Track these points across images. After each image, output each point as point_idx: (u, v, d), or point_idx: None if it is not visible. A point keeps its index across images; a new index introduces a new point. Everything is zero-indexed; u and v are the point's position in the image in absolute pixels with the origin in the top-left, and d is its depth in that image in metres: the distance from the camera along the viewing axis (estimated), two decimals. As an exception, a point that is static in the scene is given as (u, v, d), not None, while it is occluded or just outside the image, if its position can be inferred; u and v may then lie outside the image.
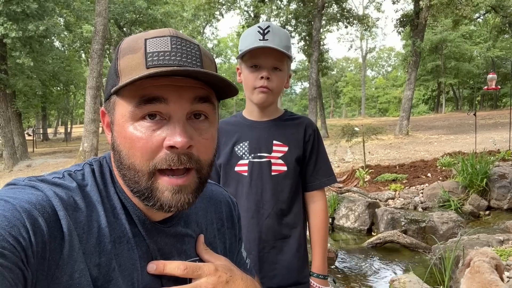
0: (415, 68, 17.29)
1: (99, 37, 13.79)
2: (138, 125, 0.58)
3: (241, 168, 1.43)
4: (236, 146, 1.45)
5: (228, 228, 0.81)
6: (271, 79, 1.36)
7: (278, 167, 1.42)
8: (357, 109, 59.91)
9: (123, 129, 0.59)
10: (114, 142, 0.61)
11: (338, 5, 19.86)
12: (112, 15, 24.00)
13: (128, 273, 0.60)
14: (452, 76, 35.91)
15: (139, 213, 0.63)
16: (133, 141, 0.58)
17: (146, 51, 0.58)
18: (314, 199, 1.47)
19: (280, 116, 1.49)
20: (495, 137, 11.51)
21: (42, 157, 18.76)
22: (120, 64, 0.60)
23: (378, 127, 9.63)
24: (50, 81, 21.95)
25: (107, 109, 0.64)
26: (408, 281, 3.23)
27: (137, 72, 0.57)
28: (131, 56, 0.59)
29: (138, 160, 0.58)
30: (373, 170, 7.88)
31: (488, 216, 5.12)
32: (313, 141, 1.46)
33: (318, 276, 1.43)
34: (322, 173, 1.47)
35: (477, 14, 27.46)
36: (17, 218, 0.49)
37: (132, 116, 0.58)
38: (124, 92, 0.58)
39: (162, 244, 0.66)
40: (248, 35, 1.38)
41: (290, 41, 1.41)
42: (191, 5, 21.54)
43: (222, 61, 54.15)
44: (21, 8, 14.97)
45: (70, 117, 36.08)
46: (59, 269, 0.52)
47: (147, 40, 0.60)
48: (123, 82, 0.57)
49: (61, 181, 0.59)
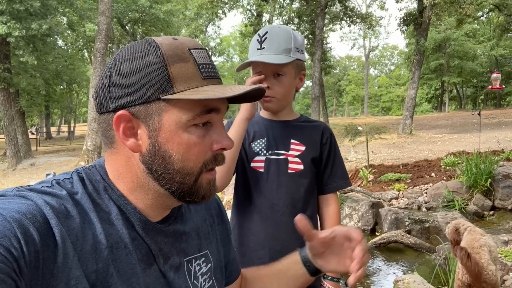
0: (418, 67, 17.23)
1: (102, 36, 13.81)
2: (191, 130, 0.62)
3: (257, 165, 1.43)
4: (253, 142, 1.45)
5: (219, 224, 0.85)
6: (272, 87, 1.36)
7: (295, 165, 1.43)
8: (360, 108, 59.77)
9: (176, 135, 0.61)
10: (158, 149, 0.62)
11: (341, 4, 19.79)
12: (115, 14, 24.03)
13: (127, 278, 0.60)
14: (455, 75, 35.78)
15: (140, 215, 0.64)
16: (189, 146, 0.62)
17: (197, 62, 0.62)
18: (329, 202, 1.49)
19: (297, 119, 1.51)
20: (499, 136, 11.47)
21: (45, 156, 18.84)
22: (171, 70, 0.60)
23: (381, 126, 9.60)
24: (54, 79, 22.00)
25: (139, 114, 0.61)
26: (412, 281, 3.22)
27: (194, 81, 0.61)
28: (183, 64, 0.61)
29: (191, 164, 0.63)
30: (377, 170, 7.86)
31: (492, 216, 5.09)
32: (330, 144, 1.49)
33: (332, 279, 1.43)
34: (339, 176, 1.49)
35: (480, 13, 27.33)
36: (8, 229, 0.49)
37: (188, 123, 0.61)
38: (182, 101, 0.60)
39: (162, 244, 0.67)
40: (251, 43, 1.39)
41: (292, 40, 1.35)
42: (194, 4, 21.51)
43: (224, 59, 54.15)
44: (24, 6, 15.01)
45: (73, 115, 36.20)
46: (54, 278, 0.52)
47: (191, 50, 0.63)
48: (182, 88, 0.60)
49: (50, 189, 0.58)
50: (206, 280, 0.76)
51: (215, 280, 0.79)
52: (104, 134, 0.65)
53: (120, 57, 0.62)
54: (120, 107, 0.61)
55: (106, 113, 0.63)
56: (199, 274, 0.74)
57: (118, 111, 0.61)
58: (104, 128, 0.64)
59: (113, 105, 0.61)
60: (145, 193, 0.65)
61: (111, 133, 0.64)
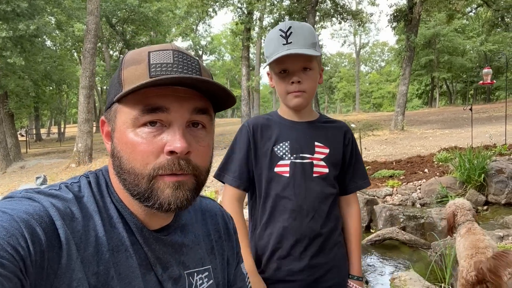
0: (409, 63, 17.31)
1: (91, 35, 13.65)
2: (139, 131, 0.61)
3: (282, 169, 1.39)
4: (276, 146, 1.40)
5: (226, 240, 0.83)
6: (302, 81, 1.33)
7: (320, 168, 1.40)
8: (352, 105, 60.07)
9: (124, 135, 0.62)
10: (114, 149, 0.64)
11: (332, 1, 19.82)
12: (103, 13, 23.80)
13: (128, 281, 0.61)
14: (445, 71, 36.08)
15: (136, 221, 0.65)
16: (134, 145, 0.61)
17: (150, 63, 0.62)
18: (350, 202, 1.49)
19: (318, 119, 1.47)
20: (490, 130, 11.56)
21: (35, 158, 18.59)
22: (123, 74, 0.63)
23: (373, 123, 9.63)
24: (43, 80, 21.72)
25: (108, 118, 0.66)
26: (408, 278, 3.21)
27: (140, 81, 0.60)
28: (134, 67, 0.62)
29: (138, 164, 0.61)
30: (370, 167, 7.87)
31: (486, 212, 5.12)
32: (352, 145, 1.48)
33: (358, 279, 1.45)
34: (360, 176, 1.49)
35: (469, 8, 27.58)
36: (15, 228, 0.50)
37: (133, 123, 0.61)
38: (128, 100, 0.61)
39: (160, 253, 0.67)
40: (271, 40, 1.33)
41: (315, 35, 1.35)
42: (183, 2, 21.37)
43: (215, 58, 53.98)
44: (11, 7, 14.80)
45: (63, 117, 35.79)
46: (58, 278, 0.53)
47: (150, 53, 0.63)
48: (126, 89, 0.60)
49: (57, 192, 0.60)
50: None
51: None
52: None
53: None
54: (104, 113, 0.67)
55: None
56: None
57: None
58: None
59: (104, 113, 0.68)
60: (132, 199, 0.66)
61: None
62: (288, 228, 1.37)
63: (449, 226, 2.84)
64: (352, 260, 1.45)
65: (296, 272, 1.37)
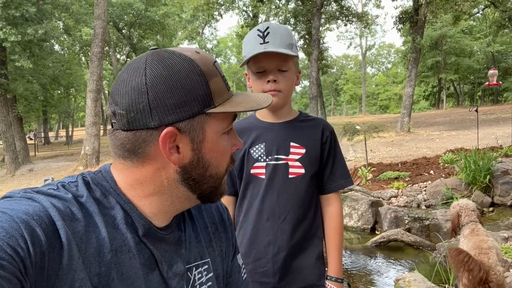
0: (415, 65, 17.24)
1: (98, 40, 13.79)
2: (224, 138, 0.68)
3: (258, 171, 1.40)
4: (252, 148, 1.42)
5: (222, 232, 0.84)
6: (278, 81, 1.34)
7: (296, 169, 1.39)
8: (358, 107, 59.82)
9: (216, 144, 0.67)
10: (201, 159, 0.66)
11: (337, 3, 19.81)
12: (111, 17, 24.03)
13: (130, 281, 0.61)
14: (452, 72, 35.80)
15: (145, 221, 0.65)
16: (224, 152, 0.69)
17: (222, 75, 0.68)
18: (330, 202, 1.45)
19: (296, 118, 1.46)
20: (497, 132, 11.47)
21: (44, 161, 18.79)
22: (211, 86, 0.64)
23: (379, 125, 9.60)
24: (51, 84, 21.97)
25: (185, 129, 0.63)
26: (413, 280, 3.21)
27: (225, 93, 0.67)
28: (216, 79, 0.66)
29: (222, 168, 0.69)
30: (375, 168, 7.86)
31: (492, 213, 5.10)
32: (330, 143, 1.44)
33: (336, 280, 1.41)
34: (339, 175, 1.45)
35: (476, 9, 27.38)
36: (15, 229, 0.50)
37: (223, 132, 0.68)
38: (220, 113, 0.65)
39: (164, 251, 0.68)
40: (249, 40, 1.35)
41: (292, 37, 1.36)
42: (189, 6, 21.52)
43: (222, 61, 54.14)
44: (19, 12, 15.00)
45: (71, 120, 36.11)
46: (59, 279, 0.53)
47: (215, 64, 0.68)
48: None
49: (56, 192, 0.59)
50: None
51: None
52: (129, 149, 0.63)
53: (154, 73, 0.61)
54: (166, 123, 0.61)
55: (142, 130, 0.62)
56: (197, 283, 0.73)
57: (162, 127, 0.61)
58: (133, 144, 0.63)
59: (156, 122, 0.61)
60: (163, 199, 0.67)
61: (145, 149, 0.63)
62: (260, 229, 1.39)
63: (453, 226, 2.84)
64: (331, 260, 1.43)
65: (269, 273, 1.37)
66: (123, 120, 0.62)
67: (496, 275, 2.30)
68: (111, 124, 0.65)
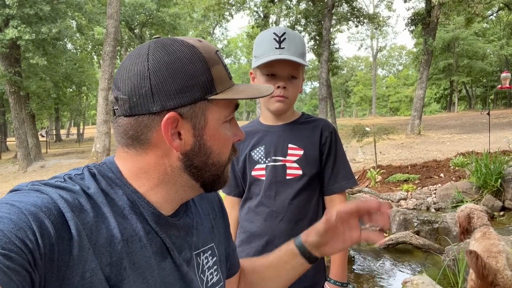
0: (427, 67, 17.10)
1: (110, 39, 13.94)
2: (225, 126, 0.69)
3: (258, 173, 1.44)
4: (253, 151, 1.45)
5: (220, 218, 0.88)
6: (288, 88, 1.36)
7: (293, 170, 1.41)
8: (368, 109, 59.44)
9: (218, 131, 0.67)
10: (202, 145, 0.66)
11: (348, 4, 19.72)
12: (123, 17, 24.24)
13: (142, 271, 0.61)
14: (464, 75, 35.38)
15: (153, 209, 0.66)
16: (226, 140, 0.69)
17: (224, 64, 0.69)
18: (334, 204, 1.43)
19: (296, 119, 1.47)
20: (509, 136, 11.31)
21: (55, 158, 19.04)
22: (213, 73, 0.65)
23: (389, 127, 9.55)
24: (63, 82, 22.28)
25: (186, 115, 0.64)
26: (421, 282, 3.20)
27: (226, 82, 0.68)
28: (218, 67, 0.67)
29: (224, 156, 0.69)
30: (385, 171, 7.82)
31: (502, 217, 5.04)
32: (330, 143, 1.44)
33: (336, 283, 1.39)
34: (341, 176, 1.44)
35: (489, 12, 27.03)
36: (24, 221, 0.50)
37: (225, 120, 0.68)
38: (221, 100, 0.66)
39: (174, 238, 0.69)
40: (263, 41, 1.36)
41: (305, 46, 1.41)
42: (201, 6, 21.61)
43: (232, 61, 54.25)
44: (34, 11, 15.23)
45: (83, 118, 36.53)
46: (70, 270, 0.53)
47: (217, 53, 0.68)
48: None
49: (64, 184, 0.60)
50: (212, 274, 0.77)
51: (221, 274, 0.80)
52: (132, 135, 0.64)
53: (157, 59, 0.62)
54: (167, 108, 0.62)
55: (144, 115, 0.62)
56: (206, 267, 0.76)
57: (164, 112, 0.62)
58: (135, 130, 0.63)
59: (158, 107, 0.62)
60: (168, 188, 0.67)
61: (147, 134, 0.63)
62: (259, 229, 1.42)
63: (462, 229, 2.80)
64: (333, 262, 1.42)
65: None
66: (125, 105, 0.63)
67: (503, 278, 2.28)
68: (113, 111, 0.66)
